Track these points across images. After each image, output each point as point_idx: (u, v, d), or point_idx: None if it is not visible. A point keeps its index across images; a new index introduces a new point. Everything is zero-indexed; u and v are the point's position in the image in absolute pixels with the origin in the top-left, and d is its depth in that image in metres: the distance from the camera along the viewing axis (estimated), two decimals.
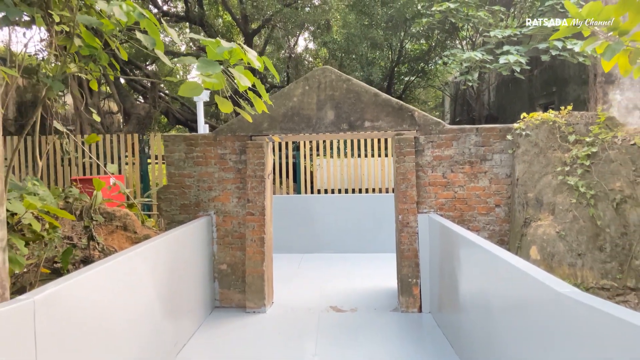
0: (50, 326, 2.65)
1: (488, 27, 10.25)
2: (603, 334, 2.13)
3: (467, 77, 9.85)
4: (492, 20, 10.03)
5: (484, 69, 9.91)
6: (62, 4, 4.99)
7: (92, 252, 5.30)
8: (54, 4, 4.99)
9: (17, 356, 2.39)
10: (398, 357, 4.60)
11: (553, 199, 5.14)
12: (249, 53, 4.28)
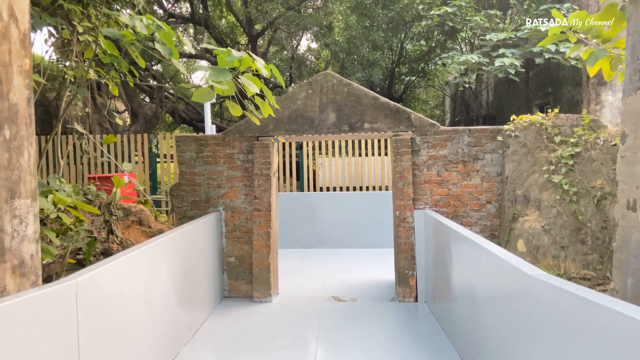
0: (88, 304, 3.06)
1: (485, 30, 10.61)
2: (566, 310, 2.50)
3: (464, 79, 10.22)
4: (488, 24, 10.39)
5: (481, 71, 10.27)
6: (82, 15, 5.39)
7: (111, 244, 5.71)
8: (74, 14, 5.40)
9: (63, 328, 2.80)
10: (395, 342, 4.99)
11: (539, 195, 5.53)
12: (257, 61, 4.70)
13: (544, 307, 2.70)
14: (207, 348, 4.88)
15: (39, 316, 2.64)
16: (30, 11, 3.98)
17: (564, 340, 2.45)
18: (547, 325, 2.64)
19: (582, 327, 2.29)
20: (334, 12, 13.44)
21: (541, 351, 2.71)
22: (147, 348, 4.00)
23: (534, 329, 2.80)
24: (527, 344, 2.91)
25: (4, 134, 3.70)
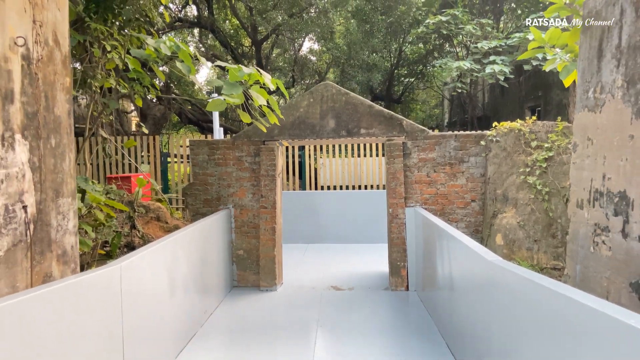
0: (128, 284, 3.73)
1: (477, 38, 11.23)
2: (514, 288, 3.13)
3: (457, 85, 10.85)
4: (480, 32, 11.00)
5: (473, 77, 10.90)
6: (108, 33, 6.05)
7: (133, 238, 6.38)
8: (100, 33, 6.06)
9: (111, 302, 3.47)
10: (387, 325, 5.66)
11: (516, 195, 6.17)
12: (264, 76, 5.38)
13: (500, 287, 3.35)
14: (220, 329, 5.55)
15: (96, 290, 3.31)
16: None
17: (516, 313, 3.10)
18: (503, 302, 3.30)
19: (529, 301, 2.91)
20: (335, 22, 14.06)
21: (500, 325, 3.36)
22: (172, 325, 4.68)
23: (494, 307, 3.45)
24: (489, 321, 3.57)
25: (50, 142, 4.39)
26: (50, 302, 2.84)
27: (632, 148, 3.26)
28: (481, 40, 11.09)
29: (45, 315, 2.79)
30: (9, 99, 3.82)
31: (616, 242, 3.40)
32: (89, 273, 3.36)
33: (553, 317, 2.52)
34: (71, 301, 3.05)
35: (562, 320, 2.42)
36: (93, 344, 3.23)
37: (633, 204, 3.23)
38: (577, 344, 2.24)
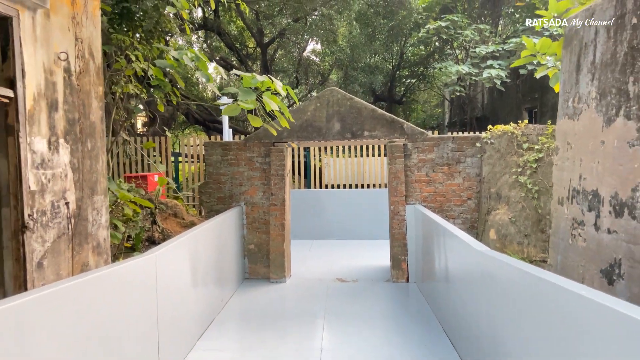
0: (162, 273, 4.22)
1: (475, 43, 11.70)
2: (501, 275, 3.61)
3: (455, 88, 11.32)
4: (479, 37, 11.47)
5: (472, 80, 11.38)
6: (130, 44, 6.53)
7: (153, 233, 6.88)
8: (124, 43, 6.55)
9: (148, 286, 3.96)
10: (389, 314, 6.15)
11: (508, 193, 6.66)
12: (275, 83, 5.88)
13: (487, 274, 3.84)
14: (235, 316, 6.06)
15: (137, 276, 3.81)
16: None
17: (502, 297, 3.59)
18: (493, 289, 3.78)
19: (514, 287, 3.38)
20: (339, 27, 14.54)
21: (489, 309, 3.85)
22: (195, 311, 5.18)
23: (485, 294, 3.94)
24: (480, 306, 4.06)
25: (87, 145, 4.90)
26: (106, 284, 3.34)
27: (603, 152, 3.75)
28: (479, 44, 11.56)
29: (102, 294, 3.28)
30: (54, 107, 4.32)
31: (590, 234, 3.89)
32: (131, 260, 3.86)
33: (535, 300, 2.99)
34: (119, 285, 3.54)
35: (542, 302, 2.89)
36: (137, 325, 3.73)
37: (603, 201, 3.72)
38: (553, 321, 2.71)
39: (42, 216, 4.15)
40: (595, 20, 3.99)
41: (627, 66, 3.49)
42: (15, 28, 3.85)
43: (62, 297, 2.82)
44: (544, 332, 2.76)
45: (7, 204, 3.97)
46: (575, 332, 2.38)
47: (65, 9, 4.47)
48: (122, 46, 6.54)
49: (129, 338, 3.61)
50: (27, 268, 3.98)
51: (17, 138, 3.87)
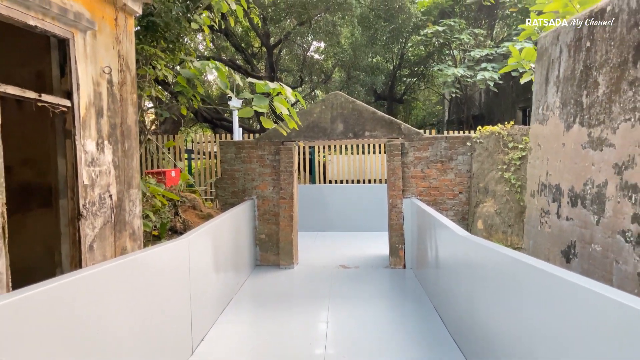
0: (194, 253, 4.99)
1: (471, 47, 12.40)
2: (482, 256, 4.33)
3: (451, 90, 12.04)
4: (474, 41, 12.17)
5: (467, 82, 12.09)
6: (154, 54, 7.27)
7: (175, 223, 7.66)
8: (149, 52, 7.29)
9: (183, 265, 4.72)
10: (387, 296, 6.91)
11: (495, 187, 7.40)
12: (285, 89, 6.63)
13: (467, 256, 4.58)
14: (250, 296, 6.83)
15: (175, 255, 4.56)
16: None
17: (482, 275, 4.33)
18: (470, 267, 4.53)
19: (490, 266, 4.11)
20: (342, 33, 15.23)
21: (466, 285, 4.61)
22: (216, 291, 5.95)
23: (468, 273, 4.69)
24: (458, 283, 4.81)
25: (125, 146, 5.66)
26: (153, 261, 4.09)
27: (563, 153, 4.49)
28: (474, 48, 12.26)
29: (151, 270, 4.04)
30: (100, 114, 5.09)
31: (553, 222, 4.64)
32: (169, 243, 4.62)
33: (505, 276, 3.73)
34: (162, 263, 4.29)
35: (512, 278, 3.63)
36: (176, 298, 4.50)
37: (563, 193, 4.46)
38: (520, 291, 3.44)
39: (92, 206, 4.92)
40: (560, 41, 4.71)
41: (582, 82, 4.22)
42: (71, 48, 4.61)
43: (122, 270, 3.58)
44: (513, 302, 3.51)
45: (64, 196, 4.74)
46: (538, 300, 3.11)
47: (108, 29, 5.22)
48: (146, 55, 7.29)
49: (171, 308, 4.38)
50: (81, 250, 4.75)
51: (73, 141, 4.64)
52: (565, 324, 2.57)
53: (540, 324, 2.87)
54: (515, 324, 3.29)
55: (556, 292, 2.69)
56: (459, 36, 12.23)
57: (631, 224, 3.42)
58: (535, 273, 2.99)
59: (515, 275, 3.31)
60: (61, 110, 4.51)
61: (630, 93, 3.51)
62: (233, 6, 6.51)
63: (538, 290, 2.93)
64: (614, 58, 3.75)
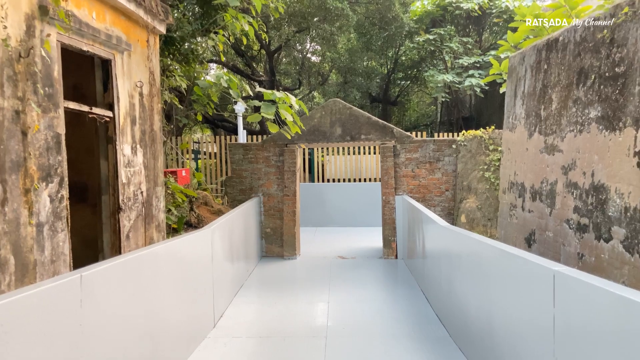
0: (215, 242, 5.83)
1: (459, 55, 13.30)
2: (457, 242, 5.17)
3: (441, 94, 12.93)
4: (462, 49, 13.07)
5: (455, 88, 12.99)
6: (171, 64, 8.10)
7: (190, 217, 8.49)
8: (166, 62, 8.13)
9: (206, 251, 5.57)
10: (380, 282, 7.78)
11: (476, 185, 8.29)
12: (290, 98, 7.48)
13: (446, 243, 5.45)
14: (259, 282, 7.69)
15: (197, 245, 5.41)
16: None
17: (457, 259, 5.20)
18: (449, 252, 5.40)
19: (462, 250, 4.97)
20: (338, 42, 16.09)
21: (448, 269, 5.48)
22: (231, 276, 6.80)
23: (453, 264, 5.55)
24: (440, 268, 5.68)
25: (151, 149, 6.50)
26: (185, 247, 4.93)
27: (527, 156, 5.37)
28: (463, 56, 13.15)
29: (182, 254, 4.89)
30: (134, 122, 5.93)
31: (519, 214, 5.53)
32: (196, 232, 5.46)
33: (481, 260, 4.61)
34: (191, 248, 5.14)
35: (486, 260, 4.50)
36: (203, 279, 5.34)
37: (526, 190, 5.34)
38: (486, 270, 4.32)
39: (128, 201, 5.76)
40: (525, 62, 5.60)
41: (541, 98, 5.11)
42: (113, 67, 5.44)
43: (168, 251, 4.42)
44: (480, 277, 4.39)
45: (106, 193, 5.58)
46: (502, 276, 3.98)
47: (140, 49, 6.06)
48: (164, 66, 8.12)
49: (199, 287, 5.23)
50: (120, 238, 5.60)
51: (114, 146, 5.48)
52: (514, 290, 3.45)
53: (498, 292, 3.75)
54: (480, 296, 4.17)
55: (508, 265, 3.57)
56: (449, 44, 13.12)
57: (573, 214, 4.31)
58: (489, 250, 3.88)
59: (480, 255, 4.19)
60: (105, 120, 5.34)
61: (574, 109, 4.39)
62: (245, 27, 7.35)
63: (496, 265, 3.81)
64: (563, 80, 4.63)
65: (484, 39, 15.64)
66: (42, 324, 2.42)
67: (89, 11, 4.89)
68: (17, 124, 3.78)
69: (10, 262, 3.69)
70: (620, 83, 3.67)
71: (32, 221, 3.96)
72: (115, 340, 3.21)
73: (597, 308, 2.34)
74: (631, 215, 3.46)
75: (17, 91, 3.78)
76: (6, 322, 2.17)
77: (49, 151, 4.21)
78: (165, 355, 4.13)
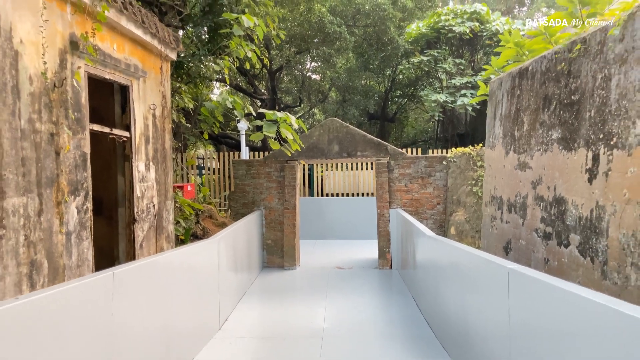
0: (221, 251, 6.36)
1: (453, 75, 13.95)
2: (442, 249, 5.69)
3: (434, 113, 13.54)
4: (455, 70, 13.72)
5: (447, 107, 13.60)
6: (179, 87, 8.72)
7: (196, 229, 9.03)
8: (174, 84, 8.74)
9: (213, 259, 6.09)
10: (375, 287, 8.27)
11: (465, 199, 8.83)
12: (290, 118, 8.07)
13: (439, 254, 5.97)
14: (261, 290, 8.18)
15: (204, 253, 5.94)
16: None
17: (442, 265, 5.72)
18: (435, 261, 5.92)
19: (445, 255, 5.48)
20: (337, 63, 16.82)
21: (435, 276, 5.99)
22: (235, 284, 7.31)
23: (439, 272, 6.06)
24: (429, 276, 6.19)
25: (162, 165, 7.07)
26: (193, 255, 5.47)
27: (504, 172, 5.92)
28: (456, 76, 13.80)
29: (191, 262, 5.41)
30: (147, 141, 6.51)
31: (498, 225, 6.06)
32: (203, 242, 6.00)
33: (456, 263, 5.13)
34: (199, 257, 5.66)
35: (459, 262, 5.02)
36: (209, 285, 5.86)
37: (504, 203, 5.88)
38: (461, 273, 4.83)
39: (142, 213, 6.31)
40: (503, 87, 6.19)
41: (515, 120, 5.68)
42: (130, 92, 6.04)
43: (180, 256, 4.95)
44: (457, 280, 4.91)
45: (122, 205, 6.13)
46: (472, 277, 4.52)
47: (154, 75, 6.67)
48: (173, 88, 8.75)
49: (206, 291, 5.75)
50: (135, 247, 6.13)
51: (131, 163, 6.05)
52: (481, 289, 3.98)
53: (470, 292, 4.27)
54: (457, 297, 4.68)
55: (476, 266, 4.09)
56: (443, 65, 13.78)
57: (540, 223, 4.85)
58: (458, 253, 4.42)
59: (454, 258, 4.72)
60: (123, 140, 5.93)
61: (540, 131, 4.96)
62: (249, 54, 7.98)
63: (467, 267, 4.34)
64: (532, 104, 5.21)
65: (478, 59, 16.31)
66: (83, 310, 2.96)
67: (111, 44, 5.51)
68: (51, 145, 4.36)
69: (44, 265, 4.23)
70: (575, 109, 4.24)
71: (63, 230, 4.50)
72: (139, 331, 3.74)
73: (540, 297, 2.87)
74: (584, 223, 4.00)
75: (52, 116, 4.37)
76: (58, 307, 2.70)
77: (77, 168, 4.78)
78: (177, 349, 4.64)
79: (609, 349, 2.18)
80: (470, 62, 15.71)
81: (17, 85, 3.93)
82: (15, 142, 3.88)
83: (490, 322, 3.68)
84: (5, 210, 3.75)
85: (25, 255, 4.00)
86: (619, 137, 3.59)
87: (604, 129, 3.77)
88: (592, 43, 4.06)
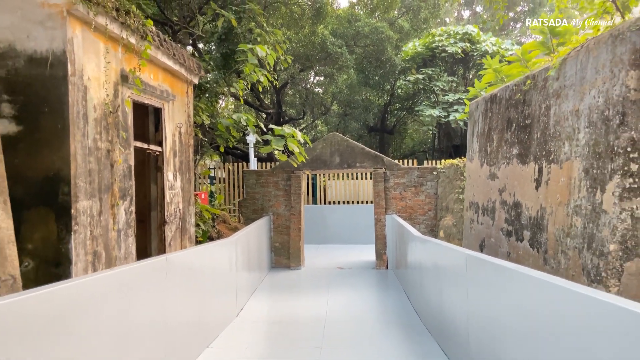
0: (237, 250, 7.40)
1: (446, 92, 15.05)
2: (426, 247, 6.71)
3: (428, 128, 14.62)
4: (448, 87, 14.83)
5: (441, 121, 14.69)
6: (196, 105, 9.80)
7: (212, 233, 10.08)
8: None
9: (231, 255, 7.13)
10: (372, 285, 9.28)
11: (453, 206, 9.87)
12: (297, 133, 9.15)
13: (422, 251, 6.99)
14: (270, 288, 9.21)
15: (225, 250, 6.97)
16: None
17: (428, 263, 6.74)
18: (421, 256, 6.94)
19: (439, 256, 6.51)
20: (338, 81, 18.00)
21: (422, 273, 7.01)
22: (247, 281, 8.34)
23: (423, 266, 7.08)
24: (417, 273, 7.21)
25: (186, 175, 8.13)
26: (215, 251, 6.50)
27: (479, 182, 6.97)
28: (449, 93, 14.91)
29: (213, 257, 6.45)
30: (175, 154, 7.59)
31: (475, 226, 7.09)
32: (221, 241, 7.04)
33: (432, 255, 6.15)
34: (220, 253, 6.69)
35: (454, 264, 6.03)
36: (228, 279, 6.90)
37: (479, 208, 6.93)
38: (435, 262, 5.85)
39: (170, 216, 7.37)
40: (479, 109, 7.26)
41: (487, 137, 6.74)
42: (163, 113, 7.14)
43: (204, 251, 5.99)
44: (439, 271, 5.93)
45: (155, 209, 7.20)
46: (449, 267, 5.54)
47: (180, 98, 7.78)
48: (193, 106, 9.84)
49: (226, 283, 6.78)
50: (165, 245, 7.19)
51: (162, 173, 7.12)
52: (448, 274, 5.02)
53: (442, 279, 5.30)
54: (435, 284, 5.70)
55: (444, 255, 5.12)
56: (437, 83, 14.90)
57: (504, 223, 5.89)
58: (436, 248, 5.46)
59: (433, 253, 5.76)
60: (157, 154, 7.01)
61: (505, 147, 6.02)
62: (261, 79, 9.09)
63: (439, 257, 5.37)
64: (499, 125, 6.27)
65: (470, 76, 17.42)
66: (148, 283, 4.01)
67: (149, 74, 6.62)
68: (108, 159, 5.44)
69: (102, 255, 5.29)
70: (528, 131, 5.31)
71: (115, 227, 5.57)
72: (183, 303, 4.78)
73: (487, 274, 3.91)
74: (532, 222, 5.04)
75: (109, 136, 5.45)
76: (131, 280, 3.75)
77: (125, 178, 5.86)
78: (206, 328, 5.67)
79: (533, 305, 3.22)
80: (464, 78, 16.82)
81: (86, 113, 5.01)
82: (84, 157, 4.96)
83: (455, 301, 4.71)
84: (78, 210, 4.82)
85: (90, 247, 5.05)
86: (555, 154, 4.64)
87: (546, 148, 4.83)
88: (539, 79, 5.14)
